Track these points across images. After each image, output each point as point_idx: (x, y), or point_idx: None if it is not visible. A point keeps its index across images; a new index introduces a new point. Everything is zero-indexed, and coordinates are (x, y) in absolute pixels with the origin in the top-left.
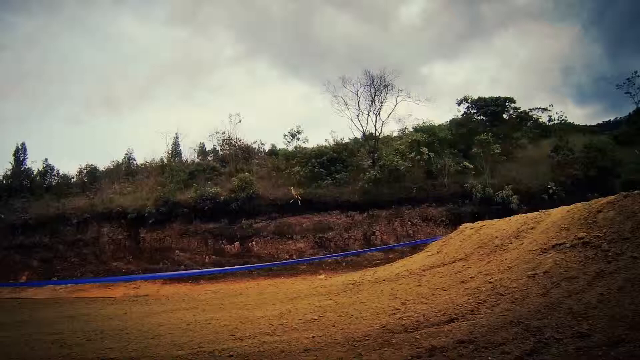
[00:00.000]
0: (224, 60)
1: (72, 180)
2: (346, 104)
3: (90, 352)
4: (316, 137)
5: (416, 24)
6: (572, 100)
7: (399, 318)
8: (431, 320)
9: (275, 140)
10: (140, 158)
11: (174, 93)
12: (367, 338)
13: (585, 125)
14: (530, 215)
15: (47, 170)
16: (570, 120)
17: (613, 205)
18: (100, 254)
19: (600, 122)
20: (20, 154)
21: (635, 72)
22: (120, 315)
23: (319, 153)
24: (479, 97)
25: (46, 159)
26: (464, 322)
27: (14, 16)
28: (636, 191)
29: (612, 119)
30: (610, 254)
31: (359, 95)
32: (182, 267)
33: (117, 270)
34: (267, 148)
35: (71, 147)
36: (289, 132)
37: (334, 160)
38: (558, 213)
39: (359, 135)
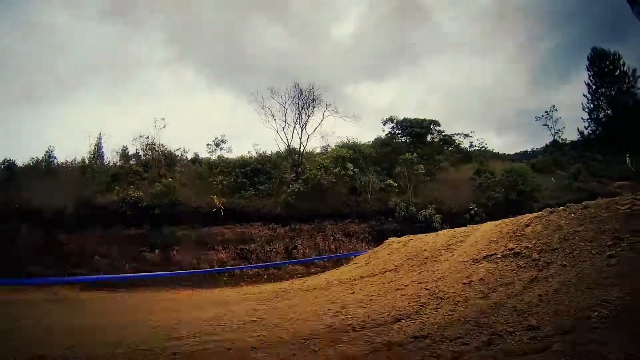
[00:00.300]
0: (153, 63)
1: None
2: (273, 116)
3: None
4: (240, 148)
5: (347, 44)
6: (493, 128)
7: (343, 319)
8: (377, 321)
9: (199, 149)
10: (62, 157)
11: (100, 91)
12: (315, 337)
13: (504, 153)
14: (458, 229)
15: None
16: (489, 147)
17: (540, 219)
18: (16, 255)
19: (517, 151)
20: None
21: (553, 106)
22: (41, 315)
23: (243, 163)
24: (404, 118)
25: None
26: (412, 322)
27: None
28: (560, 207)
29: (528, 149)
30: (541, 262)
31: (286, 107)
32: (101, 273)
33: (34, 273)
34: (190, 156)
35: None
36: (213, 141)
37: (257, 171)
38: (486, 227)
39: (283, 147)
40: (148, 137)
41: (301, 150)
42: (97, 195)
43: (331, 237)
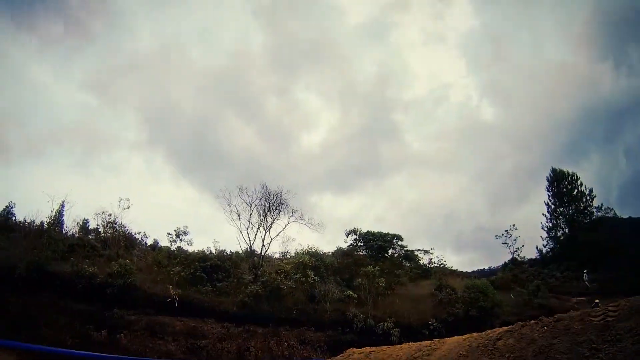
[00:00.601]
0: (123, 142)
1: None
2: (238, 215)
3: None
4: (200, 242)
5: (315, 153)
6: (451, 245)
7: None
8: None
9: (159, 236)
10: (21, 215)
11: (69, 159)
12: None
13: (462, 270)
14: (424, 343)
15: None
16: (448, 264)
17: (512, 333)
18: None
19: (475, 269)
20: None
21: (513, 225)
22: None
23: (203, 258)
24: (367, 231)
25: None
26: None
27: None
28: (532, 321)
29: (486, 267)
30: None
31: (252, 207)
32: (45, 343)
33: None
34: (150, 242)
35: None
36: (175, 231)
37: (217, 267)
38: (454, 341)
39: (244, 247)
40: (110, 215)
41: (262, 252)
42: (52, 263)
43: (285, 343)
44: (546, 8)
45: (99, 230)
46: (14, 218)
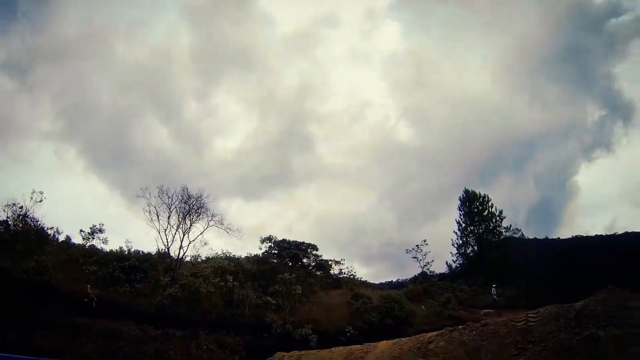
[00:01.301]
0: (35, 131)
1: None
2: (157, 215)
3: None
4: (113, 240)
5: (229, 159)
6: (359, 257)
7: None
8: None
9: (70, 232)
10: None
11: None
12: None
13: (372, 282)
14: (354, 347)
15: None
16: (357, 275)
17: (442, 336)
18: None
19: (383, 280)
20: None
21: (424, 240)
22: None
23: (121, 257)
24: (283, 239)
25: None
26: None
27: None
28: (460, 326)
29: (394, 279)
30: None
31: (171, 209)
32: None
33: None
34: (61, 238)
35: None
36: (90, 229)
37: (135, 268)
38: (384, 345)
39: (162, 248)
40: (22, 208)
41: (180, 255)
42: None
43: (204, 347)
44: (471, 39)
45: (9, 223)
46: None
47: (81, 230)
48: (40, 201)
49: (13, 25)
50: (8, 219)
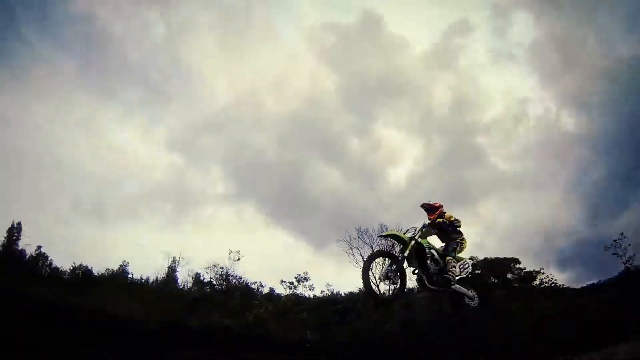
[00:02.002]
0: (213, 196)
1: (66, 276)
2: (361, 255)
3: None
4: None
5: (401, 187)
6: (554, 263)
7: None
8: None
9: (270, 284)
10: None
11: (164, 216)
12: None
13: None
14: None
15: (40, 257)
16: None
17: None
18: None
19: (583, 284)
20: (14, 233)
21: (622, 233)
22: None
23: (333, 300)
24: (485, 258)
25: (39, 247)
26: None
27: None
28: None
29: (595, 280)
30: None
31: (373, 247)
32: None
33: None
34: (265, 290)
35: (61, 242)
36: (296, 278)
37: (348, 309)
38: None
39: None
40: (222, 268)
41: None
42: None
43: None
44: (607, 6)
45: (213, 283)
46: (129, 275)
47: (282, 281)
48: (238, 259)
49: (169, 109)
50: (212, 279)
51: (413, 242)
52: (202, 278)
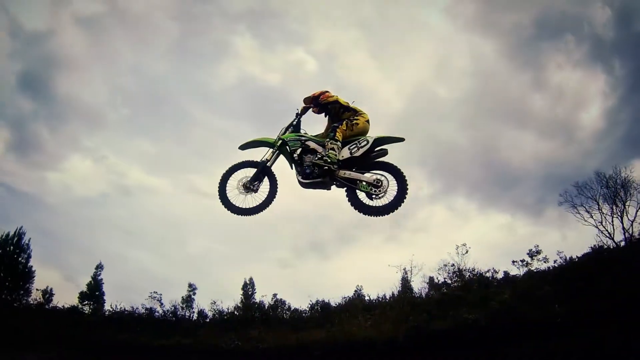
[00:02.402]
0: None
1: (305, 314)
2: (588, 212)
3: None
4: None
5: (599, 128)
6: None
7: None
8: None
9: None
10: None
11: (381, 233)
12: None
13: None
14: None
15: (278, 304)
16: None
17: None
18: None
19: None
20: (248, 288)
21: None
22: None
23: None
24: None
25: (275, 294)
26: None
27: None
28: None
29: None
30: None
31: (598, 200)
32: None
33: None
34: (498, 276)
35: (291, 284)
36: (528, 254)
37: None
38: None
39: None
40: (454, 265)
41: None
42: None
43: None
44: None
45: (447, 282)
46: (366, 297)
47: (513, 261)
48: (466, 252)
49: None
50: (445, 279)
51: (280, 141)
52: (436, 280)
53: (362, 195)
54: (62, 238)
